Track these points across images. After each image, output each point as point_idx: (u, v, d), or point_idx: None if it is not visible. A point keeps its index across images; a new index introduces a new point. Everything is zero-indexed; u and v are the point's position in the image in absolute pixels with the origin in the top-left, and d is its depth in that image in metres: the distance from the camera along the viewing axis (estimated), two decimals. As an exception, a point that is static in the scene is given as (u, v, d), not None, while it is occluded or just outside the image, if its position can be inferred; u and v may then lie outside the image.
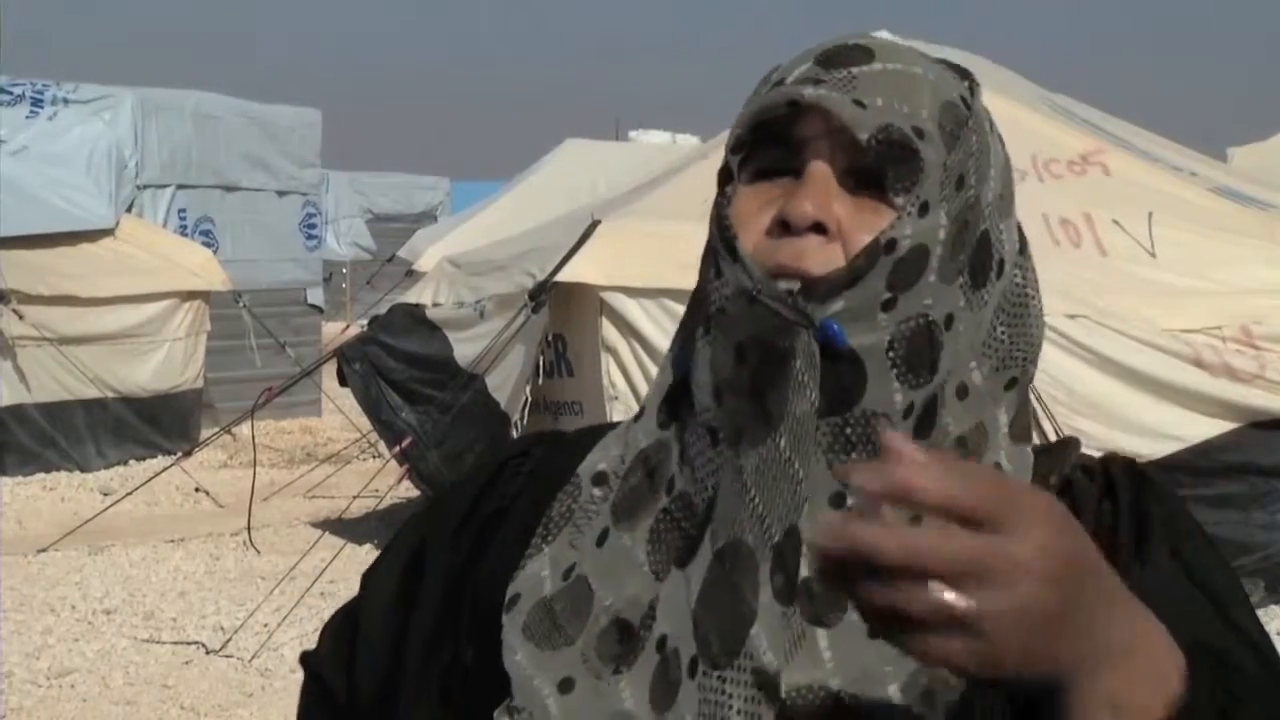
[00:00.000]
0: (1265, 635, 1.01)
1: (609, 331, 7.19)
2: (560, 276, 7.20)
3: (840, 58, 1.01)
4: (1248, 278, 6.88)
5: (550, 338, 7.53)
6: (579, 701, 1.01)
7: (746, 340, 0.98)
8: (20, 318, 10.37)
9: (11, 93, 12.39)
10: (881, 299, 0.97)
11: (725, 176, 1.04)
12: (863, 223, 0.98)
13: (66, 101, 12.44)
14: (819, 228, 0.98)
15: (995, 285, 1.03)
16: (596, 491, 1.08)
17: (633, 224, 7.48)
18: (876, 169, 0.99)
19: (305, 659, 1.25)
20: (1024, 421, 1.06)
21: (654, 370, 7.50)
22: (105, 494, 9.94)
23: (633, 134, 18.81)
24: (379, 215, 26.53)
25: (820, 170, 0.99)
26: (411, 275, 11.95)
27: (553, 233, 8.08)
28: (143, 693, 6.08)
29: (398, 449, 7.82)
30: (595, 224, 7.38)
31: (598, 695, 1.00)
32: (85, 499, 9.98)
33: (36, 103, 12.35)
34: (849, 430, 0.98)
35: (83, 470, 10.85)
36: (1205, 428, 6.69)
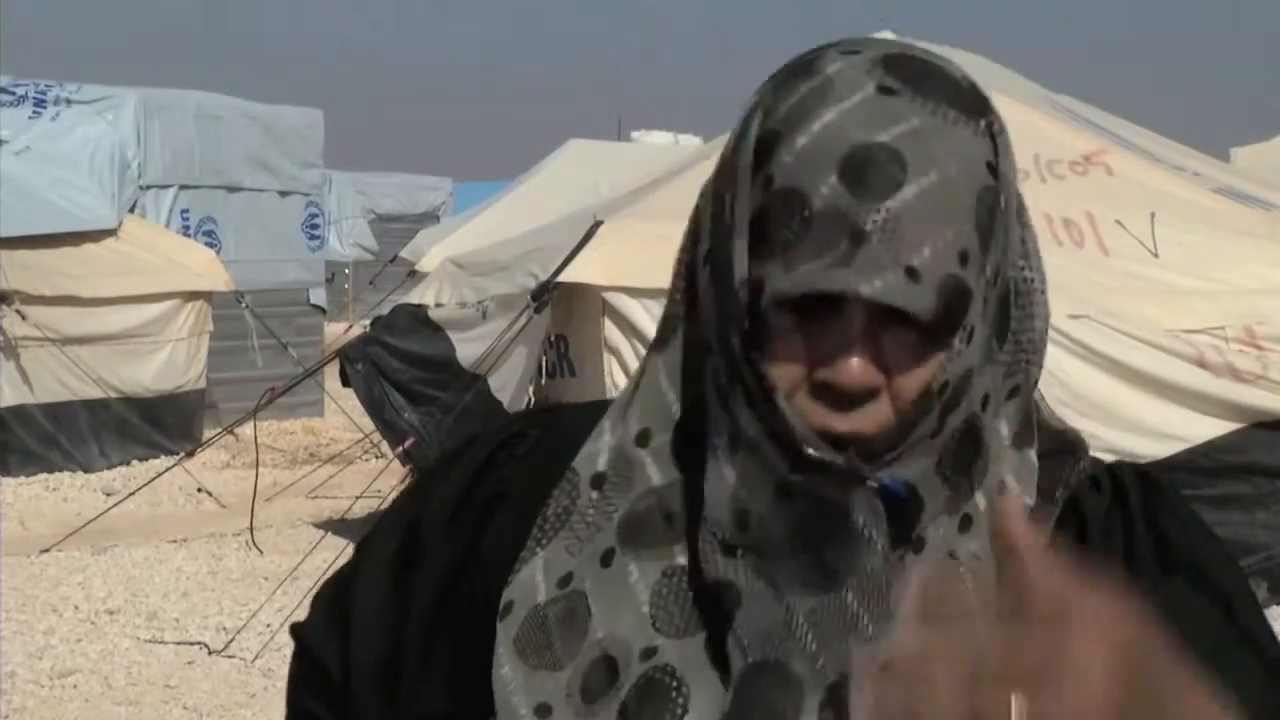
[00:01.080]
0: (1274, 639, 1.01)
1: (611, 332, 7.19)
2: (563, 277, 7.20)
3: (869, 178, 0.92)
4: (1251, 278, 6.87)
5: (552, 338, 7.53)
6: None
7: (793, 485, 0.94)
8: (23, 318, 10.37)
9: (14, 93, 12.39)
10: (931, 432, 0.95)
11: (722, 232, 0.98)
12: (910, 372, 0.94)
13: (69, 102, 12.44)
14: (870, 392, 0.94)
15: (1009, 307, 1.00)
16: (594, 494, 1.04)
17: (635, 224, 7.47)
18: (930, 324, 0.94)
19: (296, 630, 1.22)
20: (1027, 425, 1.02)
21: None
22: (108, 494, 9.94)
23: (635, 134, 18.80)
24: (381, 215, 26.53)
25: (860, 325, 0.93)
26: (414, 276, 11.95)
27: (555, 233, 8.08)
28: (145, 693, 6.08)
29: (400, 449, 7.82)
30: (597, 224, 7.38)
31: None
32: (88, 499, 9.98)
33: (39, 103, 12.35)
34: (907, 556, 0.96)
35: (85, 470, 10.85)
36: (1208, 428, 6.69)
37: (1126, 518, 1.01)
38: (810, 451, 0.93)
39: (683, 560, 1.00)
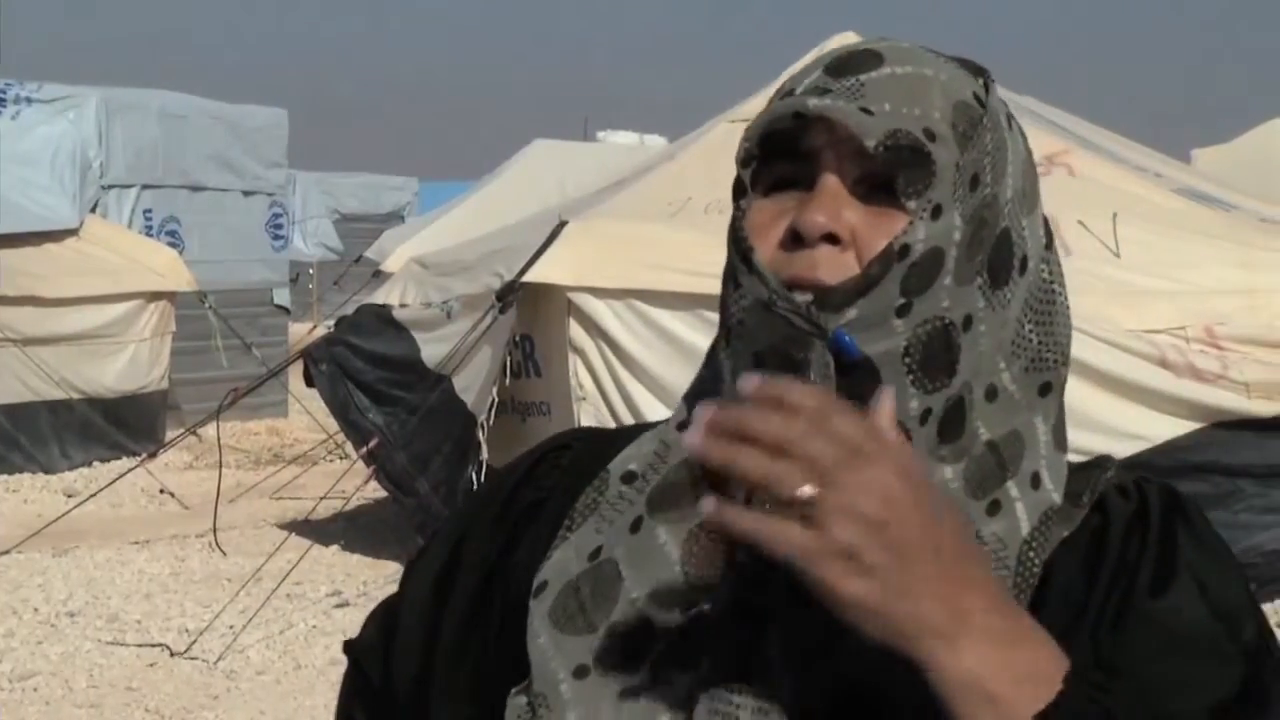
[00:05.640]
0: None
1: (576, 332, 7.19)
2: (528, 277, 7.19)
3: (849, 65, 1.01)
4: (1211, 278, 6.92)
5: (518, 338, 7.52)
6: (592, 687, 1.01)
7: (765, 350, 0.98)
8: (-17, 318, 10.30)
9: (-25, 92, 12.30)
10: (895, 305, 0.97)
11: (739, 190, 1.03)
12: (876, 230, 0.98)
13: (30, 100, 12.35)
14: (831, 238, 0.97)
15: (1019, 283, 1.03)
16: (624, 489, 1.08)
17: (600, 224, 7.48)
18: (887, 175, 0.98)
19: (348, 647, 1.26)
20: (1061, 427, 1.05)
21: (622, 371, 7.51)
22: (69, 495, 9.87)
23: (601, 134, 18.78)
24: (346, 215, 26.44)
25: (830, 181, 0.99)
26: (379, 276, 11.91)
27: (520, 233, 8.07)
28: (107, 695, 6.05)
29: (365, 450, 7.80)
30: (563, 224, 7.38)
31: (612, 683, 1.01)
32: (49, 500, 9.92)
33: (-1, 102, 12.27)
34: None
35: (46, 472, 10.78)
36: (1169, 428, 6.73)
37: (1145, 524, 1.03)
38: (775, 306, 0.97)
39: None
